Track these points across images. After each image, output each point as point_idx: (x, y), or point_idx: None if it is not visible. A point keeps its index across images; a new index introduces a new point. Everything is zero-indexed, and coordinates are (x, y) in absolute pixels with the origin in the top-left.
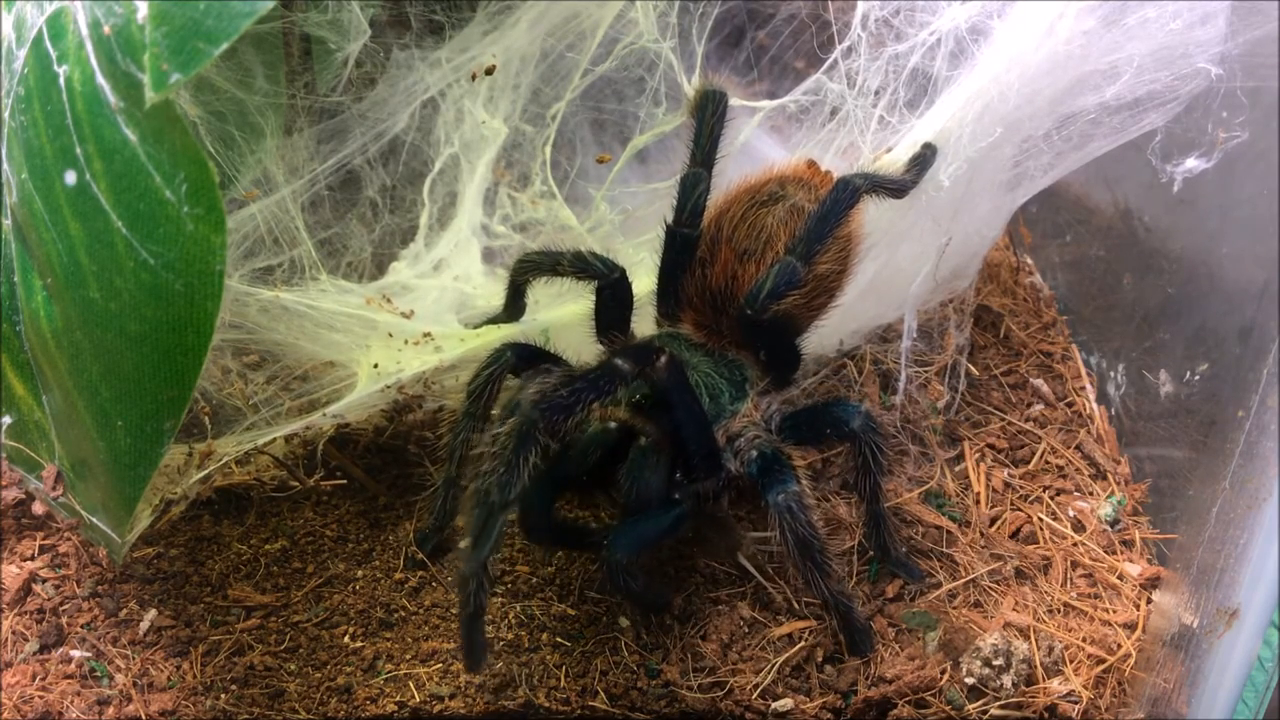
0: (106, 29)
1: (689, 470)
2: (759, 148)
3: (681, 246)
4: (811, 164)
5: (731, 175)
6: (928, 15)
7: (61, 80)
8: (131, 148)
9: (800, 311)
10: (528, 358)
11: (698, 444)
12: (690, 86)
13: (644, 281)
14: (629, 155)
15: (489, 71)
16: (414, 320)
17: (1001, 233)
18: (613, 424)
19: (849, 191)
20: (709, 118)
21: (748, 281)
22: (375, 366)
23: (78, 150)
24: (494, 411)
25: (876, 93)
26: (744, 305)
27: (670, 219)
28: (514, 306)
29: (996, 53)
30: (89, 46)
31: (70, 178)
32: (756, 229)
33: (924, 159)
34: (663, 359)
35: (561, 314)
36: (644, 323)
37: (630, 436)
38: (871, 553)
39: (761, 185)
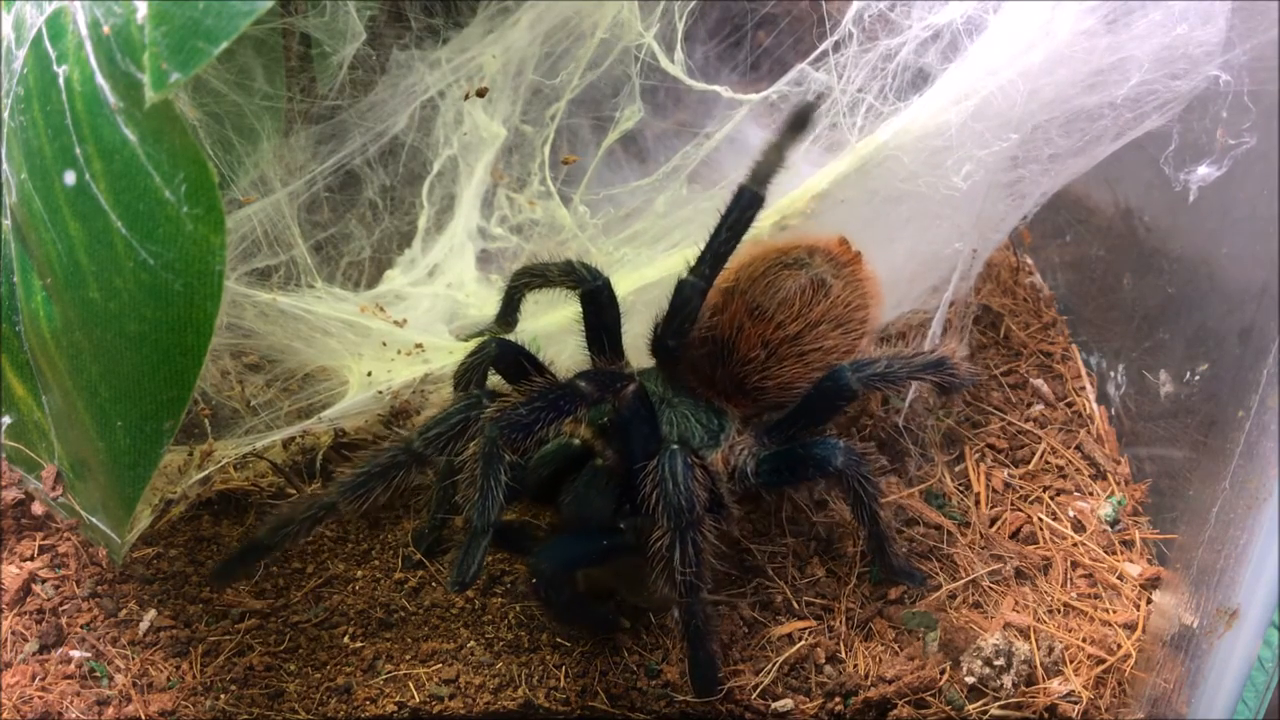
0: (106, 29)
1: (638, 503)
2: (753, 145)
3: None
4: (843, 240)
5: (725, 168)
6: (923, 11)
7: (61, 80)
8: (131, 148)
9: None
10: (510, 352)
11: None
12: (691, 81)
13: (630, 279)
14: (601, 156)
15: (481, 93)
16: (406, 329)
17: (1005, 236)
18: (575, 440)
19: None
20: (732, 217)
21: (752, 338)
22: (369, 375)
23: (77, 150)
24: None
25: (860, 89)
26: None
27: (657, 331)
28: (507, 317)
29: (994, 48)
30: (88, 46)
31: (70, 178)
32: (774, 288)
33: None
34: (630, 388)
35: (550, 321)
36: (636, 322)
37: (589, 457)
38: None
39: (790, 248)
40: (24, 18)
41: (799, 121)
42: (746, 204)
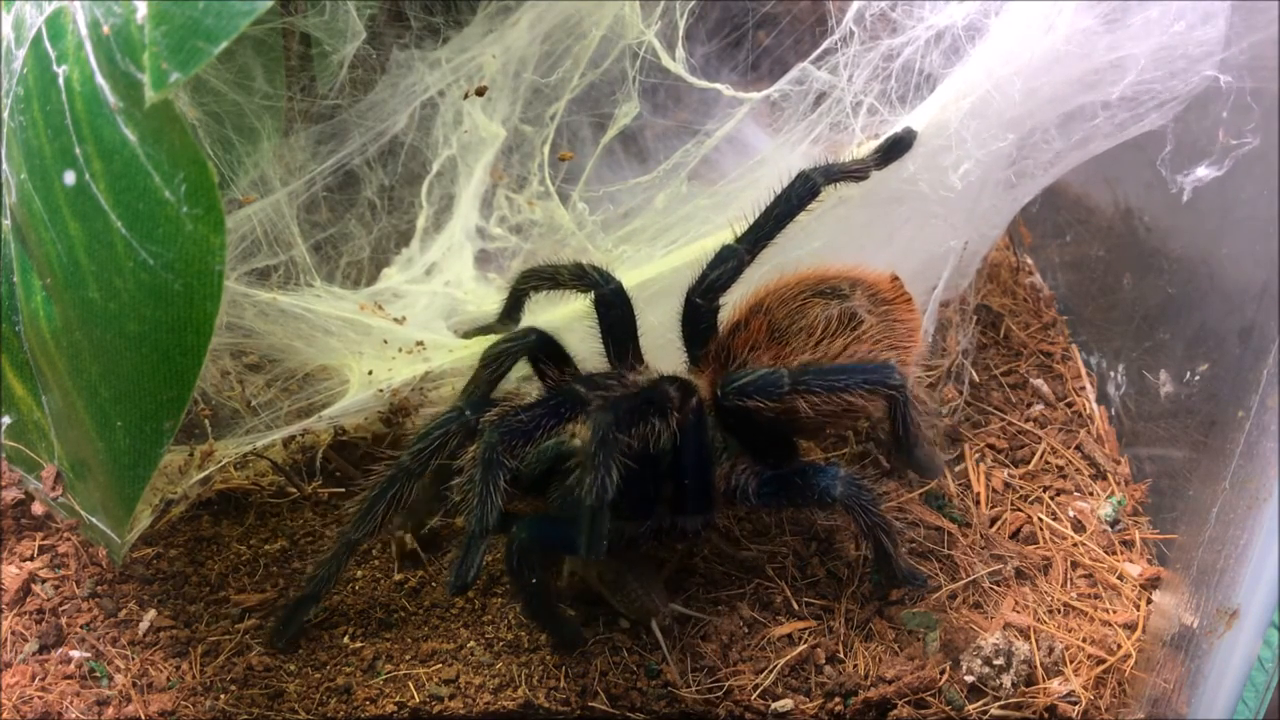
0: (106, 29)
1: (625, 506)
2: (753, 144)
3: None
4: (894, 278)
5: (726, 166)
6: (923, 11)
7: (61, 80)
8: (131, 148)
9: (802, 419)
10: (547, 345)
11: (639, 486)
12: (692, 79)
13: (631, 275)
14: (600, 153)
15: (480, 92)
16: (406, 326)
17: (1002, 232)
18: (576, 441)
19: (889, 384)
20: (783, 199)
21: (763, 360)
22: (370, 373)
23: (77, 150)
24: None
25: (862, 90)
26: (717, 386)
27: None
28: (510, 316)
29: (993, 48)
30: (88, 46)
31: (69, 178)
32: (798, 313)
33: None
34: None
35: (553, 317)
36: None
37: None
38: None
39: (830, 276)
40: (24, 18)
41: (895, 151)
42: (802, 192)
